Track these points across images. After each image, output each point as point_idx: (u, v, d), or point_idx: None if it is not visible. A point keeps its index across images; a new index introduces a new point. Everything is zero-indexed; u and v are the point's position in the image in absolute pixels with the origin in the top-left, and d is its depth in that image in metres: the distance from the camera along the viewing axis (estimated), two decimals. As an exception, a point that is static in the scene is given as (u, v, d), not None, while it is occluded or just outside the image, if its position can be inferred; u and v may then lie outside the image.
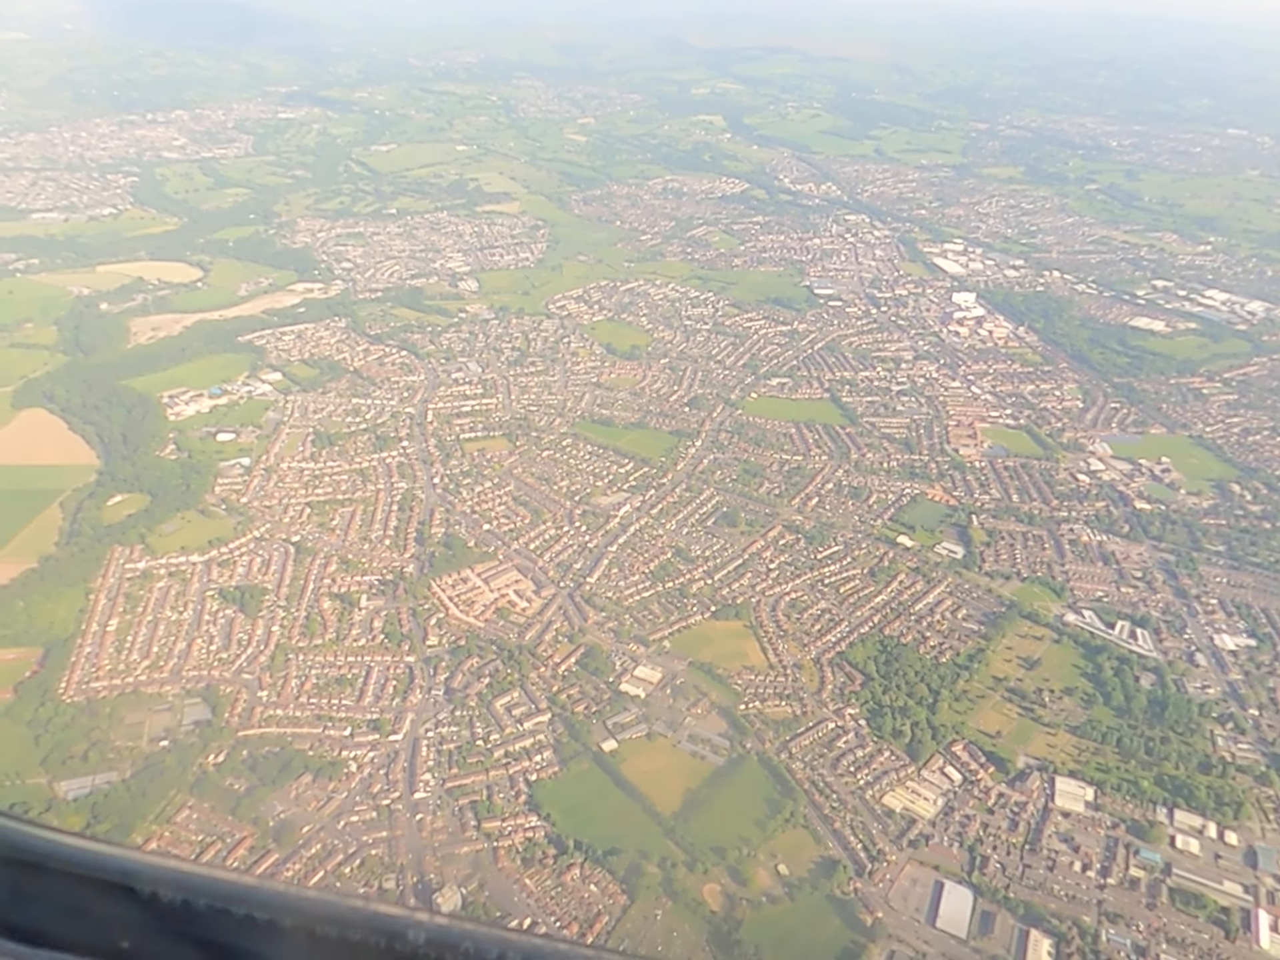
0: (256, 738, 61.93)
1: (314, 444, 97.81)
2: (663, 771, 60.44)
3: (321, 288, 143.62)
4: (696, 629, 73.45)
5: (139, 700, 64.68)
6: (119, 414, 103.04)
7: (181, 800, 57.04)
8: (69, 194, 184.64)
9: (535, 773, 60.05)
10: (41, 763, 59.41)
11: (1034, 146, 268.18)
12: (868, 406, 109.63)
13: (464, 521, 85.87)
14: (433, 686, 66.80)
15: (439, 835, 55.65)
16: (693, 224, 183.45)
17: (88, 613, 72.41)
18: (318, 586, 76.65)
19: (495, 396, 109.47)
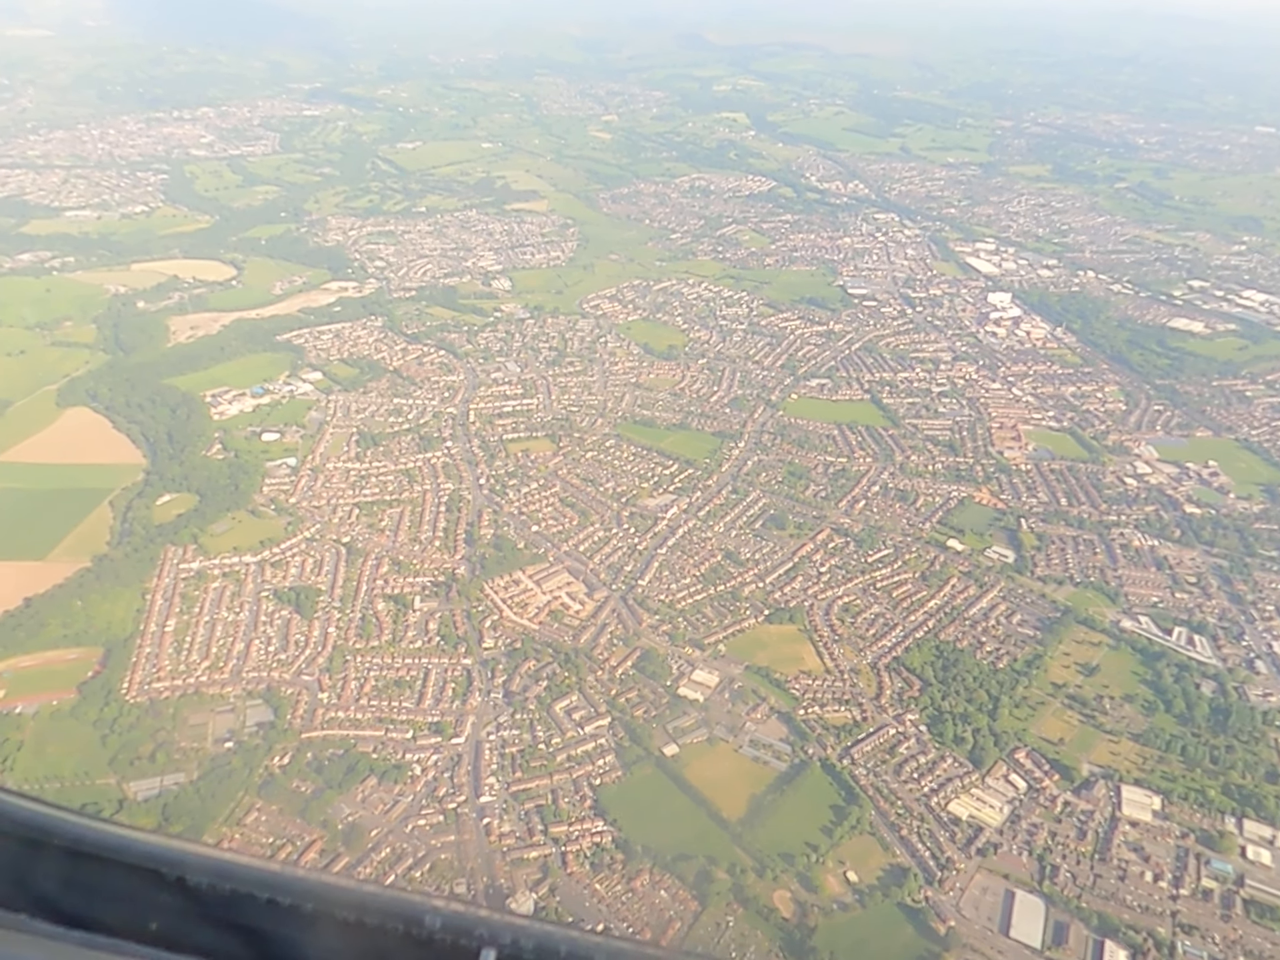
0: (319, 740, 62.17)
1: (358, 444, 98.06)
2: (725, 776, 60.38)
3: (355, 286, 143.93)
4: (751, 633, 73.33)
5: (201, 701, 65.02)
6: (163, 413, 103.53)
7: (250, 802, 57.31)
8: (100, 192, 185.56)
9: (599, 777, 60.08)
10: (110, 763, 59.79)
11: (1060, 144, 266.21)
12: (909, 408, 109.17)
13: (512, 523, 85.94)
14: (491, 689, 66.91)
15: (507, 839, 55.76)
16: (722, 222, 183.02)
17: (145, 613, 72.81)
18: (371, 588, 76.85)
19: (536, 397, 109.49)
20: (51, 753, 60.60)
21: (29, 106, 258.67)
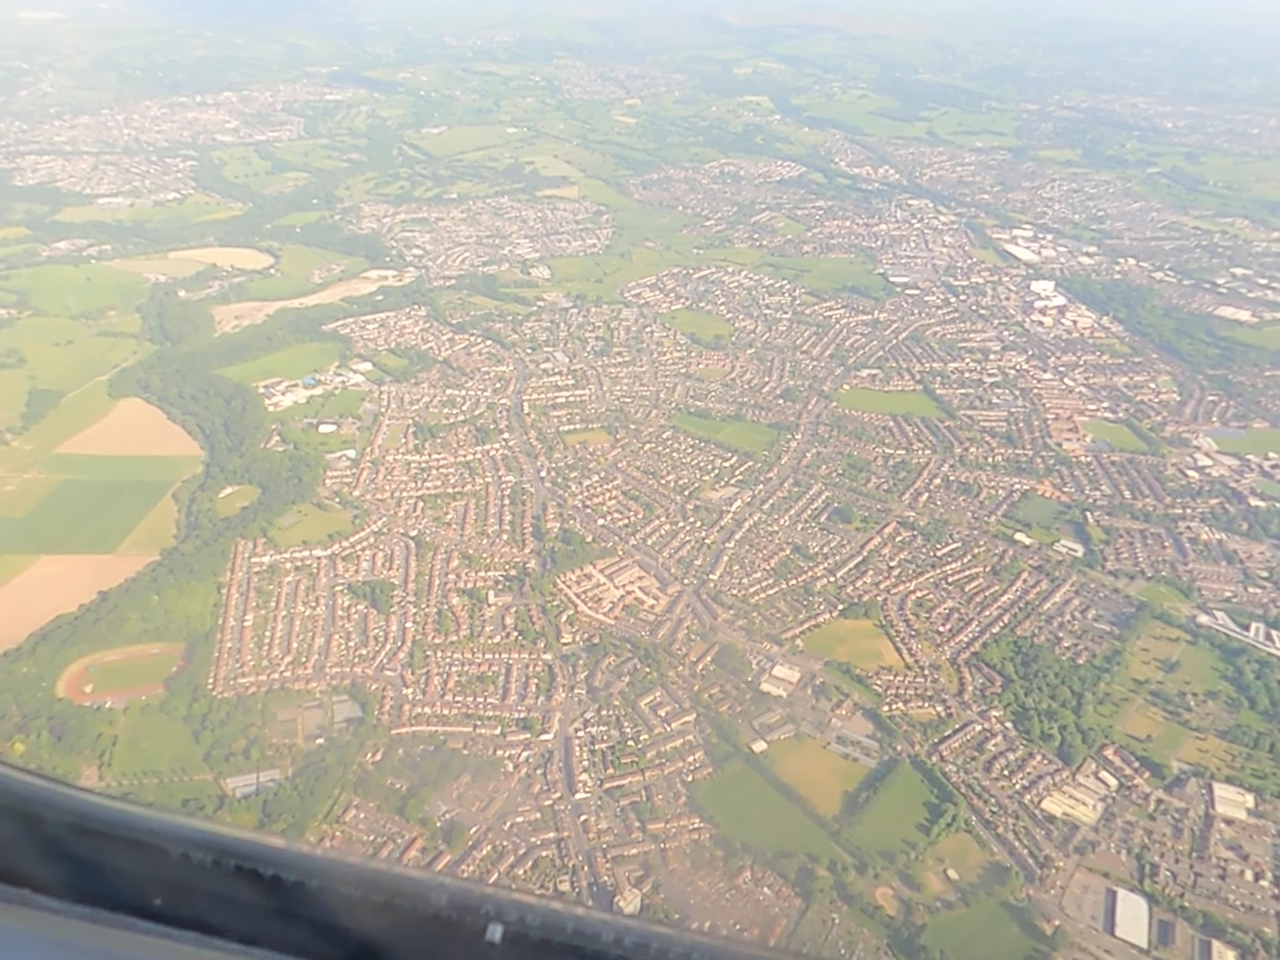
0: (409, 736, 62.35)
1: (415, 436, 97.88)
2: (816, 773, 60.50)
3: (395, 275, 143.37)
4: (827, 628, 73.29)
5: (287, 697, 65.22)
6: (217, 404, 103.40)
7: (347, 799, 57.58)
8: (131, 178, 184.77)
9: (690, 773, 60.21)
10: (205, 759, 60.07)
11: (1088, 128, 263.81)
12: (962, 399, 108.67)
13: (578, 516, 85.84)
14: (575, 685, 67.00)
15: (605, 836, 55.98)
16: (755, 209, 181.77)
17: (223, 607, 72.96)
18: (444, 582, 76.91)
19: (588, 388, 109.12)
20: (146, 748, 60.90)
21: (50, 91, 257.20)
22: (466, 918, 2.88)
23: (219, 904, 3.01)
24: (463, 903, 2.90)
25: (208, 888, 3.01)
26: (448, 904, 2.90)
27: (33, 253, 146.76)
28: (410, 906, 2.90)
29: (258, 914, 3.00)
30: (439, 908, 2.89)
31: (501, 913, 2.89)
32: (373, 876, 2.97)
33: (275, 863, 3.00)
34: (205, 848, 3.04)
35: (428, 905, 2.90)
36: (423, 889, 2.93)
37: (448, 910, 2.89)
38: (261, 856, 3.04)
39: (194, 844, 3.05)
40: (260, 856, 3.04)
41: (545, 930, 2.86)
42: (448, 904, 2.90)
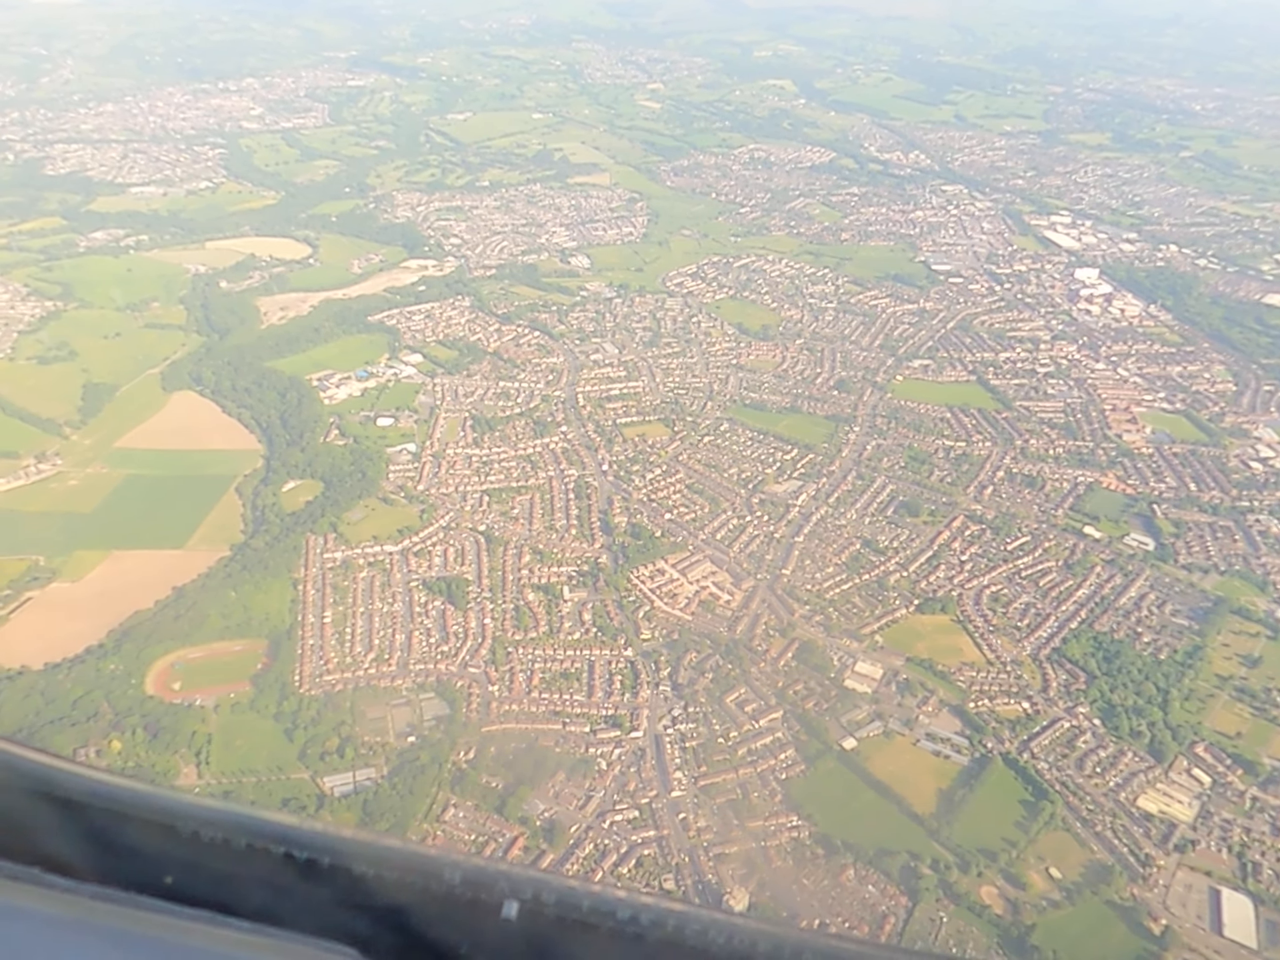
0: (499, 734, 62.51)
1: (473, 429, 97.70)
2: (909, 770, 60.56)
3: (435, 265, 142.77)
4: (904, 623, 73.20)
5: (374, 694, 65.38)
6: (271, 397, 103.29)
7: (444, 798, 57.77)
8: (161, 167, 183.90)
9: (783, 771, 60.31)
10: (299, 758, 60.30)
11: (1116, 111, 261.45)
12: (1017, 390, 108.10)
13: (644, 510, 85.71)
14: (659, 682, 67.05)
15: (706, 834, 56.14)
16: (789, 196, 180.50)
17: (300, 604, 73.07)
18: (517, 578, 76.90)
19: (640, 379, 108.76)
20: (240, 746, 61.16)
21: (71, 78, 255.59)
22: (481, 894, 2.87)
23: (230, 882, 3.01)
24: (477, 880, 2.90)
25: (219, 866, 3.02)
26: (462, 881, 2.89)
27: (71, 243, 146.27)
28: (425, 884, 2.90)
29: (270, 892, 3.00)
30: (453, 884, 2.88)
31: (516, 889, 2.87)
32: (386, 854, 2.98)
33: (287, 840, 3.01)
34: (216, 826, 3.05)
35: (442, 882, 2.89)
36: (437, 866, 2.93)
37: (462, 887, 2.88)
38: (273, 834, 3.05)
39: (205, 822, 3.05)
40: (272, 834, 3.05)
41: (560, 907, 2.85)
42: (462, 881, 2.89)
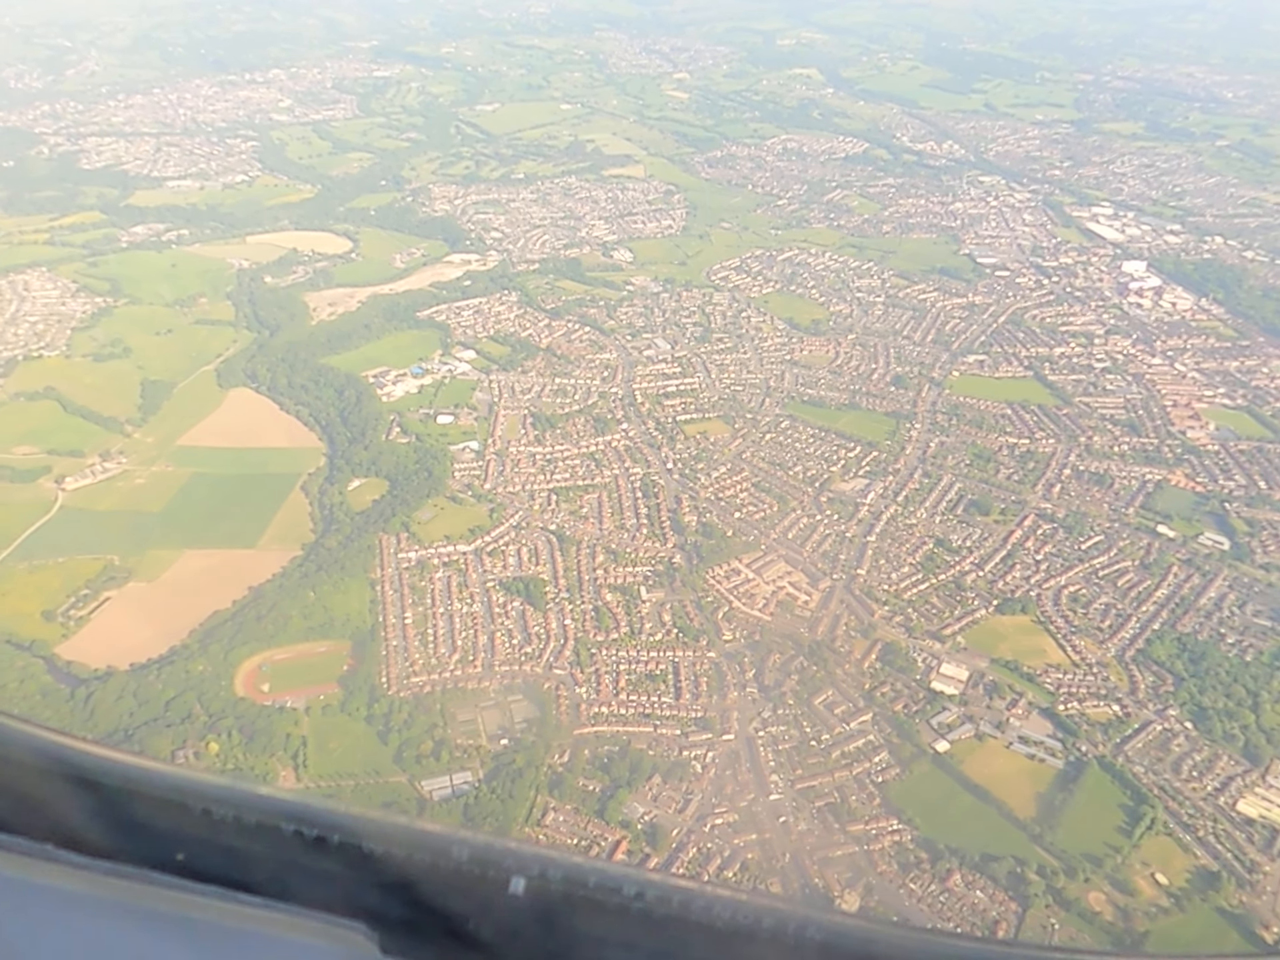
0: (591, 736, 62.53)
1: (534, 427, 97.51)
2: (1005, 774, 60.42)
3: (478, 259, 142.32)
4: (985, 624, 72.93)
5: (462, 696, 65.43)
6: (329, 394, 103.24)
7: (544, 802, 57.84)
8: (196, 160, 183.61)
9: (878, 774, 60.21)
10: (395, 761, 60.44)
11: (1147, 99, 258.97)
12: (1075, 385, 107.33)
13: (713, 509, 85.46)
14: (745, 684, 66.95)
15: (807, 838, 56.10)
16: (826, 187, 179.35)
17: (380, 604, 73.11)
18: (593, 578, 76.79)
19: (696, 376, 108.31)
20: (334, 749, 61.32)
21: (97, 70, 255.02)
22: (489, 871, 2.89)
23: (241, 858, 3.05)
24: (485, 856, 2.93)
25: (230, 843, 3.05)
26: (470, 858, 2.92)
27: (113, 238, 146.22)
28: (433, 860, 2.92)
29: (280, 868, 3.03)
30: (461, 861, 2.91)
31: (524, 866, 2.90)
32: (395, 831, 3.02)
33: (297, 818, 3.04)
34: (227, 803, 3.08)
35: (450, 859, 2.91)
36: (445, 843, 2.96)
37: (470, 864, 2.91)
38: (282, 812, 3.07)
39: (215, 799, 3.09)
40: (281, 812, 3.08)
41: (567, 883, 2.88)
42: (470, 858, 2.92)
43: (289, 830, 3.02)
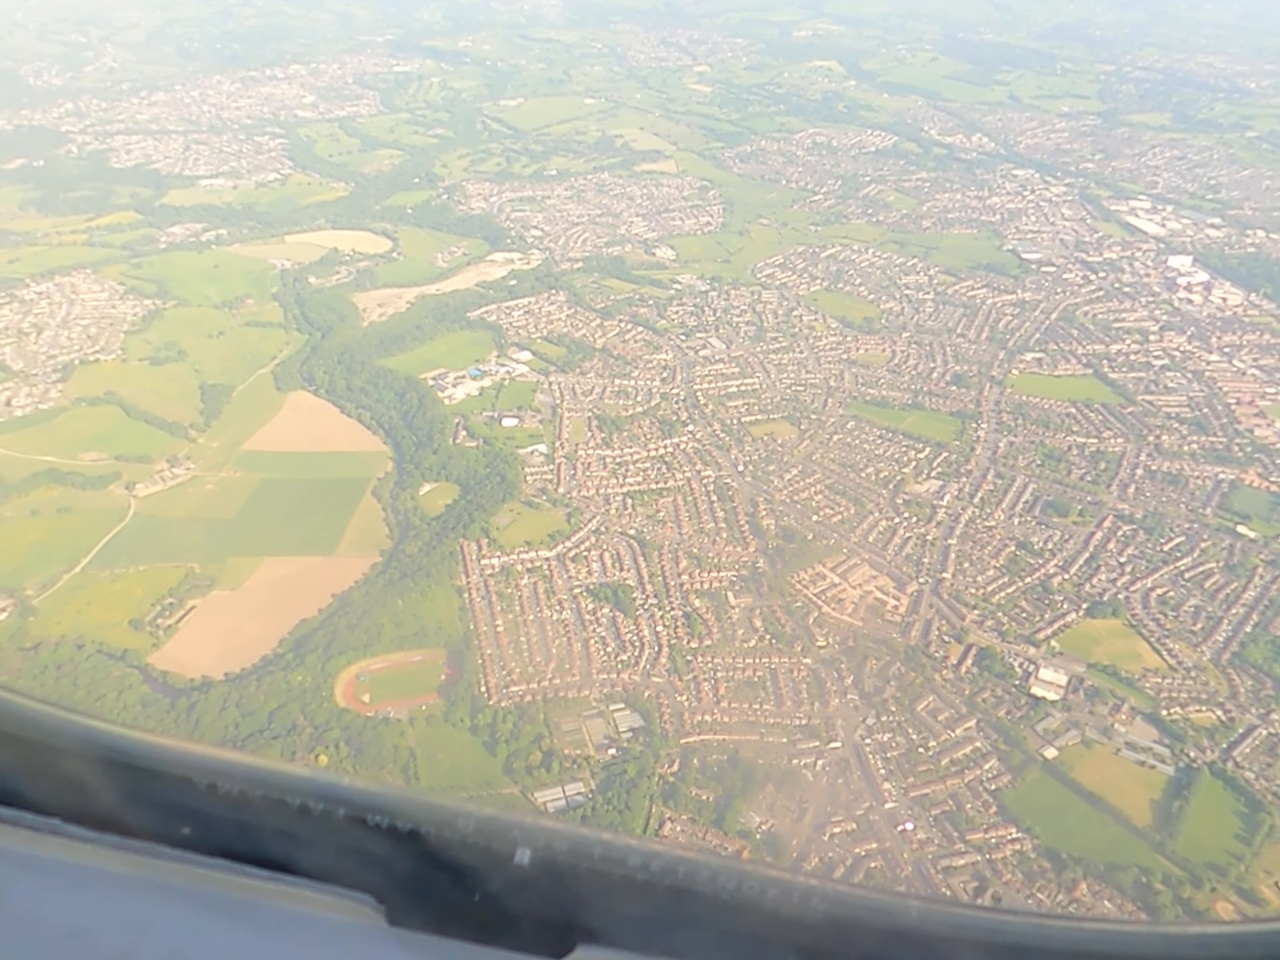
0: (698, 745, 62.31)
1: (599, 429, 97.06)
2: (1116, 780, 60.26)
3: (521, 258, 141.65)
4: (1077, 628, 72.71)
5: (563, 705, 65.18)
6: (389, 397, 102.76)
7: (659, 812, 57.66)
8: (226, 159, 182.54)
9: (990, 781, 60.06)
10: (505, 772, 60.25)
11: (1170, 89, 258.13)
12: (1136, 383, 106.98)
13: (789, 512, 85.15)
14: (845, 690, 66.75)
15: (928, 847, 55.98)
16: (860, 182, 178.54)
17: (469, 612, 72.80)
18: (679, 583, 76.49)
19: (755, 376, 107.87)
20: (442, 760, 61.07)
21: (115, 66, 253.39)
22: (494, 843, 2.93)
23: (247, 832, 3.08)
24: (490, 828, 2.96)
25: (236, 817, 3.08)
26: (475, 829, 2.95)
27: (151, 238, 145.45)
28: (439, 833, 2.95)
29: (286, 842, 3.05)
30: (467, 833, 2.94)
31: (529, 837, 2.93)
32: (400, 804, 3.03)
33: (302, 791, 3.07)
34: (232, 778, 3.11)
35: (455, 831, 2.95)
36: (450, 815, 2.99)
37: (475, 836, 2.94)
38: (288, 785, 3.11)
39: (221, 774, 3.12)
40: (287, 785, 3.11)
41: (572, 854, 2.91)
42: (475, 829, 2.95)
43: (294, 804, 3.05)
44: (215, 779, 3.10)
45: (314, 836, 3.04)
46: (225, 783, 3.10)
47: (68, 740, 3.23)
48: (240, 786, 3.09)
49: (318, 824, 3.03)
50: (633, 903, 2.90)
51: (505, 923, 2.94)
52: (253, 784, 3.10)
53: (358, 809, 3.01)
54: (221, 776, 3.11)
